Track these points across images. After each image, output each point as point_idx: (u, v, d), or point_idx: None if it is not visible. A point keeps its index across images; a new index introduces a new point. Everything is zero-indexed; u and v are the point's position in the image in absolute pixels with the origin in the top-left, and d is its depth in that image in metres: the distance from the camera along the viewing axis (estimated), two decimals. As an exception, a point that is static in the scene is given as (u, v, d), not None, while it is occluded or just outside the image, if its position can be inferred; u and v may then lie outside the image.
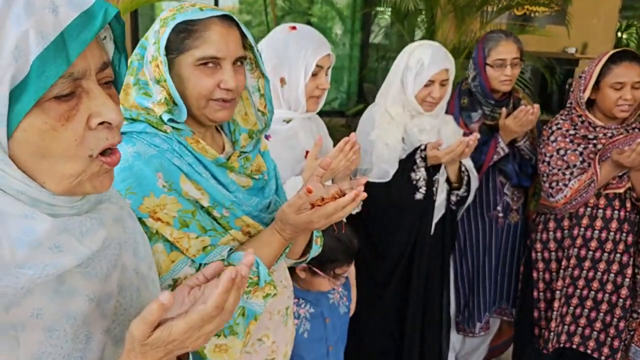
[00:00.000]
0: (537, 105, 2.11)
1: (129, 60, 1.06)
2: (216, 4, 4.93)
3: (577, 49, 5.42)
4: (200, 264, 1.05)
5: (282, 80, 1.61)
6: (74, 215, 0.65)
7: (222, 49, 1.02)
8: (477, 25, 4.22)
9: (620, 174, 1.99)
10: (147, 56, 1.03)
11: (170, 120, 1.03)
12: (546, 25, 5.17)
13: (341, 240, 1.55)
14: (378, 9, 4.80)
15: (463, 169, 2.09)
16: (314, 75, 1.62)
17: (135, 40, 4.19)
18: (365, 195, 1.04)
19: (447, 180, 2.09)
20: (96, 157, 0.62)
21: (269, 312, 1.23)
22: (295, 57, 1.60)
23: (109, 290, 0.70)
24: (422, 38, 4.50)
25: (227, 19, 1.03)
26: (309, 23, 5.23)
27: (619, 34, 5.88)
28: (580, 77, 2.02)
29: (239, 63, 1.07)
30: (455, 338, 2.52)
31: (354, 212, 1.82)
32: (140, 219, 0.91)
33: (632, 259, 2.07)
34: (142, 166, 0.98)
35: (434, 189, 2.00)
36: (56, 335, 0.62)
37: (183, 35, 1.00)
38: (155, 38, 1.01)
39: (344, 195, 1.05)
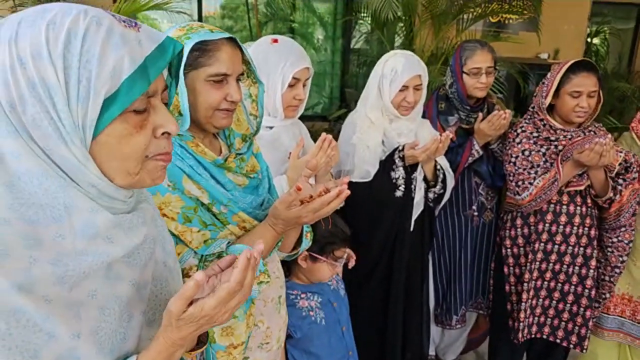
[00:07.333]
0: (509, 111, 2.18)
1: None
2: (199, 9, 4.97)
3: (549, 55, 5.50)
4: (202, 256, 1.14)
5: None
6: (124, 212, 0.75)
7: (230, 67, 1.13)
8: (453, 32, 4.28)
9: (580, 172, 2.04)
10: None
11: None
12: (519, 32, 5.25)
13: (337, 226, 1.64)
14: (359, 15, 4.85)
15: (438, 167, 2.14)
16: (291, 86, 1.69)
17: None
18: (348, 192, 1.14)
19: (425, 179, 2.14)
20: (151, 157, 0.73)
21: (263, 300, 1.33)
22: (274, 68, 1.66)
23: (146, 279, 0.80)
24: (401, 45, 4.55)
25: (232, 40, 1.14)
26: (291, 29, 5.22)
27: (589, 40, 6.03)
28: (542, 83, 2.10)
29: (239, 78, 1.18)
30: (434, 331, 2.58)
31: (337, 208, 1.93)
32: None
33: (594, 251, 2.12)
34: None
35: (412, 186, 2.07)
36: (107, 313, 0.72)
37: (197, 53, 1.10)
38: None
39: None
